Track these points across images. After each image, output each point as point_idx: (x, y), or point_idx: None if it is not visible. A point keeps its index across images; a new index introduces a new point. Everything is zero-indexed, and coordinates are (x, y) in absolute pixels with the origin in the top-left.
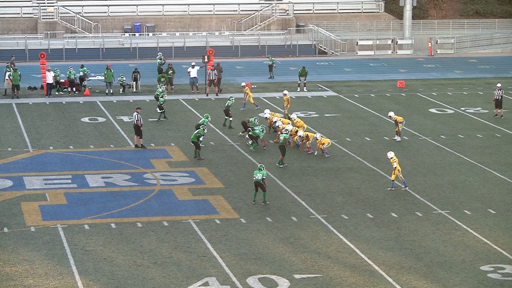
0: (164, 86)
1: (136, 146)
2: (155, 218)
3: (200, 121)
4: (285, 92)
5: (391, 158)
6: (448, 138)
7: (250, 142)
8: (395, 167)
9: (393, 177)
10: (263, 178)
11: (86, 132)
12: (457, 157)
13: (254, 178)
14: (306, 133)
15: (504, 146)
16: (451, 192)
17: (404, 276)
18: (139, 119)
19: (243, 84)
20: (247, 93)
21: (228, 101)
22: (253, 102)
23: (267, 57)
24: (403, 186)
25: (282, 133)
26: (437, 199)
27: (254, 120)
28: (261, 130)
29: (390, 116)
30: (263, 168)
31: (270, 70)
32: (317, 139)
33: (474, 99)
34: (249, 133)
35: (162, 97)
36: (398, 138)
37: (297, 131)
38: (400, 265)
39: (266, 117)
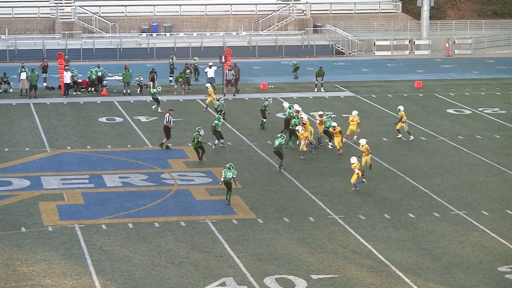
0: (159, 87)
1: (167, 147)
2: (172, 218)
3: (214, 122)
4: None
5: (353, 163)
6: (466, 138)
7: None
8: (357, 173)
9: (353, 179)
10: (232, 177)
11: (104, 132)
12: (475, 158)
13: (223, 178)
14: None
15: None
16: (469, 193)
17: (421, 277)
18: (169, 120)
19: (207, 85)
20: (210, 94)
21: (266, 101)
22: (208, 103)
23: (290, 62)
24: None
25: (277, 138)
26: (455, 199)
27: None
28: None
29: (399, 109)
30: (232, 167)
31: (295, 70)
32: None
33: (491, 100)
34: (290, 127)
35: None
36: (399, 135)
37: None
38: (417, 265)
39: (297, 110)
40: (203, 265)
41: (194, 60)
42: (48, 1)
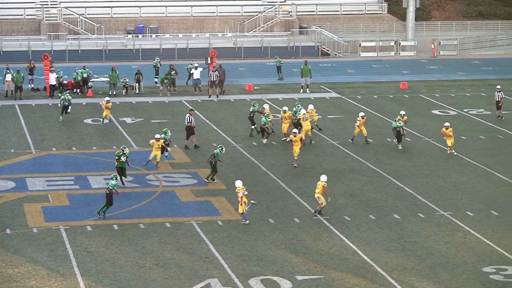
0: (67, 94)
1: (186, 147)
2: (158, 219)
3: (162, 135)
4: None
5: (238, 187)
6: None
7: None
8: (241, 196)
9: (240, 209)
10: (109, 188)
11: (89, 134)
12: (460, 159)
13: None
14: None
15: (507, 148)
16: (454, 194)
17: (406, 277)
18: (191, 121)
19: (107, 98)
20: (105, 108)
21: (253, 107)
22: (103, 117)
23: (274, 58)
24: (244, 219)
25: (216, 148)
26: (440, 200)
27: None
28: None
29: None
30: (115, 178)
31: (279, 71)
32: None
33: (477, 101)
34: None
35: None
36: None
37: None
38: (402, 266)
39: (284, 110)
40: (188, 266)
41: (191, 64)
42: (33, 2)
